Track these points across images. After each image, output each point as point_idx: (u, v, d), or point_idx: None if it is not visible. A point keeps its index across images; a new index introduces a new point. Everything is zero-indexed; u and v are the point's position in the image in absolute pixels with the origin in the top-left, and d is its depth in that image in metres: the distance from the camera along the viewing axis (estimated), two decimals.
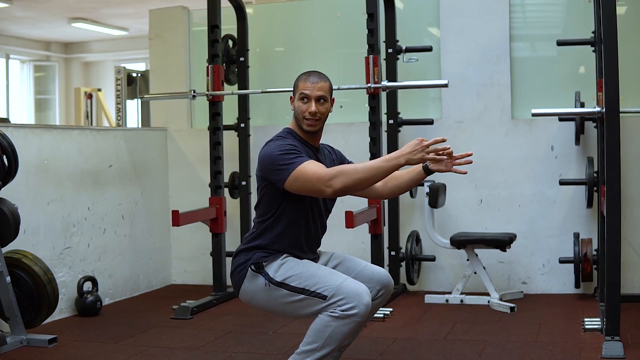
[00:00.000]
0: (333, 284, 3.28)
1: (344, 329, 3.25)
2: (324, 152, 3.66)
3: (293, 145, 3.38)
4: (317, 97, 3.45)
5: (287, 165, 3.29)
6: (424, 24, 6.42)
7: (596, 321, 4.72)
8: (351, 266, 3.62)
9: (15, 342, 4.48)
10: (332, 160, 3.68)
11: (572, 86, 5.79)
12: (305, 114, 3.45)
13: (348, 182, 3.23)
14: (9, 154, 4.51)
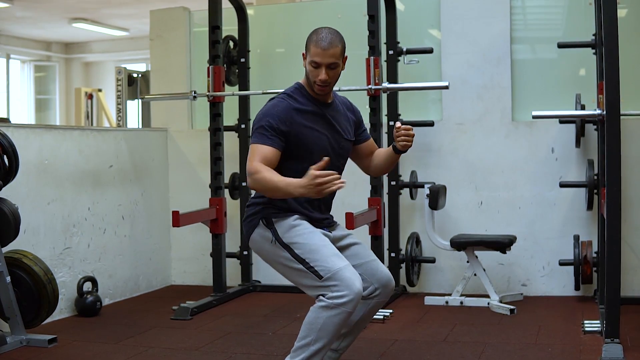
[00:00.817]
0: (332, 267, 3.30)
1: (335, 320, 3.28)
2: (339, 108, 3.66)
3: (276, 121, 3.41)
4: (328, 64, 3.45)
5: (254, 137, 3.43)
6: (424, 25, 6.42)
7: (596, 323, 4.72)
8: (360, 253, 3.61)
9: (15, 342, 4.48)
10: (347, 119, 3.68)
11: (573, 88, 5.80)
12: (316, 79, 3.46)
13: (256, 187, 3.34)
14: (10, 154, 4.51)
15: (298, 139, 3.45)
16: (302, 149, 3.47)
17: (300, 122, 3.46)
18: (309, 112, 3.50)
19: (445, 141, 6.12)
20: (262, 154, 3.35)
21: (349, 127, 3.68)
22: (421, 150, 6.15)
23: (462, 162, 6.08)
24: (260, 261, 6.43)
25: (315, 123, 3.50)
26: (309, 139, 3.47)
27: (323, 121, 3.54)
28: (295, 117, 3.46)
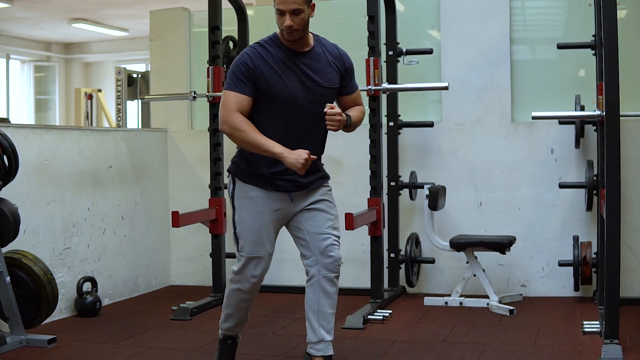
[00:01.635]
0: (246, 251, 3.71)
1: (234, 295, 3.79)
2: (319, 56, 3.74)
3: (246, 68, 3.57)
4: (291, 10, 3.55)
5: (227, 82, 3.62)
6: (424, 26, 6.42)
7: (595, 324, 4.72)
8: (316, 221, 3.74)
9: (14, 342, 4.48)
10: (331, 66, 3.75)
11: (572, 89, 5.80)
12: (282, 27, 3.58)
13: (233, 136, 3.61)
14: (10, 154, 4.51)
15: (265, 85, 3.58)
16: (268, 94, 3.60)
17: (267, 70, 3.58)
18: (278, 60, 3.61)
19: (444, 142, 6.12)
20: (238, 103, 3.55)
21: (332, 75, 3.75)
22: (421, 151, 6.16)
23: (461, 163, 6.08)
24: None
25: (283, 71, 3.61)
26: (275, 86, 3.59)
27: (293, 69, 3.63)
28: (262, 64, 3.58)
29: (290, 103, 3.61)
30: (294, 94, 3.62)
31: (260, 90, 3.59)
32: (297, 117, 3.64)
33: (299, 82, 3.63)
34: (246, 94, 3.56)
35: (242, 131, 3.54)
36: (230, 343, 3.99)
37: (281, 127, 3.63)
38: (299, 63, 3.65)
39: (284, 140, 3.58)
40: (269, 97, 3.60)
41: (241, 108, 3.55)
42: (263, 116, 3.63)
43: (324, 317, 3.68)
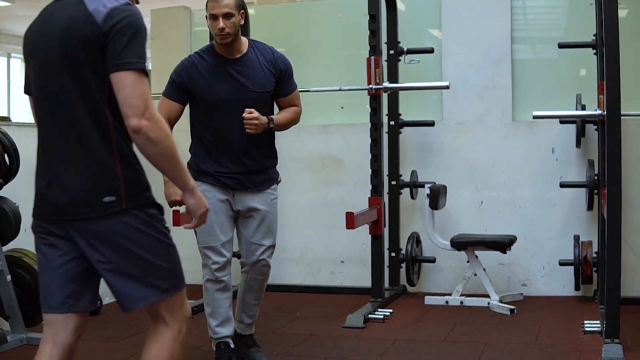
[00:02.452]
0: (201, 237, 4.04)
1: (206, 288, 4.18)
2: (251, 62, 3.93)
3: (179, 77, 3.93)
4: (224, 14, 3.80)
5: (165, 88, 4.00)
6: (425, 25, 6.42)
7: (596, 324, 4.72)
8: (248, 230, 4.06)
9: (15, 340, 4.48)
10: (263, 71, 3.94)
11: (573, 89, 5.80)
12: (215, 30, 3.82)
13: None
14: (10, 153, 4.52)
15: (197, 92, 3.89)
16: (201, 101, 3.90)
17: (199, 78, 3.89)
18: (210, 67, 3.89)
19: (445, 141, 6.12)
20: (167, 109, 3.88)
21: (265, 79, 3.94)
22: (421, 150, 6.15)
23: (462, 162, 6.08)
24: None
25: (214, 78, 3.88)
26: (204, 92, 3.87)
27: (224, 76, 3.88)
28: (194, 73, 3.89)
29: (222, 109, 3.87)
30: (226, 99, 3.86)
31: (195, 97, 3.91)
32: (232, 122, 3.86)
33: (229, 88, 3.88)
34: (176, 100, 3.91)
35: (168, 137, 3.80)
36: (224, 348, 4.09)
37: (220, 134, 3.91)
38: (230, 69, 3.89)
39: (225, 146, 3.90)
40: (203, 104, 3.90)
41: (169, 114, 3.86)
42: (202, 122, 3.94)
43: (247, 306, 4.22)
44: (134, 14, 2.35)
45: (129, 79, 2.29)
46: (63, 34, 2.36)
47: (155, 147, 2.31)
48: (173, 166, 2.39)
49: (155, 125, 2.30)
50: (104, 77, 2.34)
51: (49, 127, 2.44)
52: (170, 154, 2.35)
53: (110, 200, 2.36)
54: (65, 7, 2.39)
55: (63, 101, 2.38)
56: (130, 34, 2.31)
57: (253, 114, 3.80)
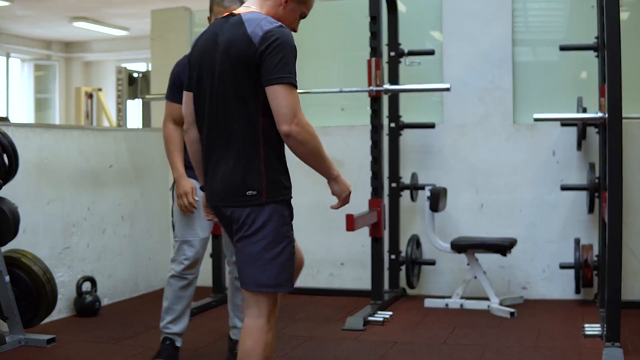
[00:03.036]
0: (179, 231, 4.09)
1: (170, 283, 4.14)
2: None
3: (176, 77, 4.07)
4: None
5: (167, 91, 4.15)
6: (426, 27, 6.41)
7: (596, 327, 4.71)
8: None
9: (13, 341, 4.47)
10: None
11: (574, 91, 5.79)
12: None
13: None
14: (10, 153, 4.50)
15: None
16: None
17: None
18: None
19: (446, 143, 6.11)
20: (172, 113, 4.03)
21: None
22: (422, 152, 6.14)
23: (463, 165, 6.07)
24: None
25: None
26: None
27: None
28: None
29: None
30: None
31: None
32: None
33: None
34: (178, 102, 3.85)
35: (166, 143, 4.12)
36: (169, 344, 4.08)
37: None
38: None
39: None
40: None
41: (175, 115, 3.99)
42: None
43: (237, 308, 4.23)
44: (285, 35, 2.77)
45: (281, 91, 2.72)
46: (226, 51, 2.82)
47: (304, 147, 2.79)
48: (319, 162, 2.88)
49: (303, 129, 2.76)
50: (258, 89, 2.76)
51: (211, 128, 2.90)
52: (317, 153, 2.84)
53: (251, 194, 2.80)
54: (229, 27, 2.85)
55: (224, 108, 2.84)
56: (282, 53, 2.74)
57: None
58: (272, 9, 2.95)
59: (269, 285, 2.84)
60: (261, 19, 2.82)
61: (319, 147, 2.84)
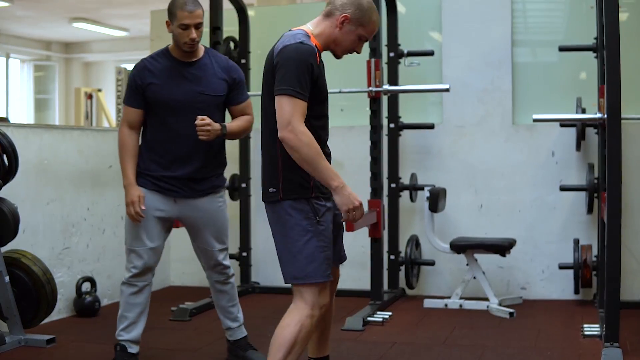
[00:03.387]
0: (127, 239, 4.02)
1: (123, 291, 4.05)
2: (207, 66, 3.99)
3: (134, 82, 3.94)
4: (196, 24, 3.85)
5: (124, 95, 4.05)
6: (425, 28, 6.41)
7: (595, 327, 4.72)
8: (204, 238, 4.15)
9: (13, 342, 4.47)
10: (217, 77, 3.99)
11: (573, 92, 5.80)
12: (186, 39, 3.86)
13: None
14: (9, 153, 4.50)
15: (151, 95, 3.92)
16: (155, 104, 3.93)
17: (153, 80, 3.92)
18: (165, 70, 3.93)
19: (445, 144, 6.11)
20: (127, 115, 3.98)
21: (218, 85, 3.99)
22: (421, 152, 6.15)
23: (462, 165, 6.08)
24: (259, 263, 6.44)
25: (167, 81, 3.92)
26: (156, 93, 3.91)
27: (178, 79, 3.93)
28: (149, 76, 3.93)
29: (176, 109, 3.91)
30: (177, 100, 3.90)
31: (149, 100, 3.93)
32: (184, 122, 3.88)
33: (181, 90, 3.92)
34: (134, 106, 3.95)
35: (120, 148, 3.98)
36: (120, 350, 4.05)
37: (169, 135, 3.94)
38: (185, 73, 3.94)
39: (174, 148, 3.94)
40: (156, 107, 3.93)
41: (130, 120, 3.96)
42: (153, 126, 3.97)
43: (224, 310, 4.23)
44: (295, 51, 3.04)
45: (281, 101, 3.03)
46: (266, 61, 3.24)
47: (297, 153, 3.00)
48: (314, 169, 3.02)
49: (295, 137, 2.98)
50: None
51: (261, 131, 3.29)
52: (309, 161, 2.99)
53: (272, 191, 3.13)
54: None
55: (264, 113, 3.26)
56: (287, 67, 3.03)
57: (205, 120, 3.82)
58: (328, 29, 3.19)
59: (298, 278, 3.14)
60: (294, 34, 3.11)
61: (312, 156, 2.99)
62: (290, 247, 3.13)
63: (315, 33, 3.19)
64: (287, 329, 3.10)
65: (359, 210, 3.08)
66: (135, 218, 3.89)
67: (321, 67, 3.19)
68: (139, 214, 3.87)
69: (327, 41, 3.22)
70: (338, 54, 3.32)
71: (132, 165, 3.94)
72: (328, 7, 3.21)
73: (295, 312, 3.14)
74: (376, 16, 3.29)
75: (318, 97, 3.14)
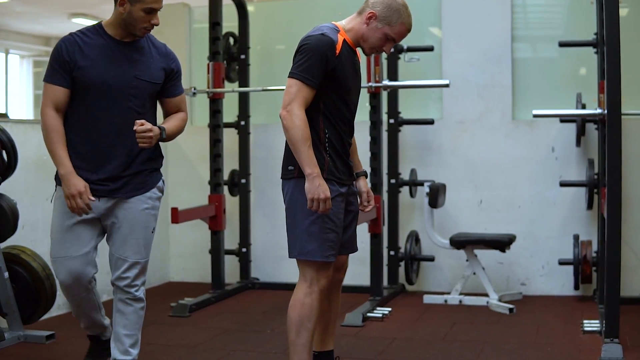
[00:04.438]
0: (52, 248, 3.56)
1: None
2: (145, 50, 3.56)
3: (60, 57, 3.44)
4: (159, 9, 3.56)
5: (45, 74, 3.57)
6: (425, 23, 6.40)
7: (595, 323, 4.71)
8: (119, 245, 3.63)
9: (13, 338, 4.47)
10: (155, 62, 3.56)
11: (573, 88, 5.79)
12: (146, 24, 3.47)
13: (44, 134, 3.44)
14: (9, 149, 4.50)
15: (80, 73, 3.41)
16: (83, 84, 3.42)
17: (82, 58, 3.41)
18: (95, 46, 3.44)
19: (445, 139, 6.11)
20: (54, 96, 3.43)
21: (155, 71, 3.55)
22: (421, 148, 6.14)
23: (462, 161, 6.07)
24: (259, 258, 6.44)
25: (98, 58, 3.42)
26: (89, 74, 3.40)
27: (110, 58, 3.44)
28: (77, 52, 3.42)
29: (105, 93, 3.41)
30: (110, 83, 3.41)
31: (76, 79, 3.42)
32: (113, 109, 3.43)
33: (115, 71, 3.43)
34: (62, 85, 3.43)
35: (48, 133, 3.40)
36: (93, 342, 3.92)
37: (95, 120, 3.43)
38: (119, 52, 3.46)
39: (99, 135, 3.43)
40: (84, 87, 3.42)
41: (56, 101, 3.42)
42: (78, 110, 3.44)
43: (117, 337, 3.58)
44: (313, 41, 3.26)
45: (288, 83, 3.24)
46: None
47: (287, 132, 3.20)
48: (295, 151, 3.20)
49: (290, 118, 3.18)
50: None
51: None
52: (294, 142, 3.18)
53: (290, 168, 3.30)
54: None
55: None
56: (302, 54, 3.25)
57: (146, 126, 3.34)
58: (358, 25, 3.42)
59: (300, 254, 3.31)
60: (320, 27, 3.35)
61: (297, 139, 3.17)
62: (297, 224, 3.30)
63: (347, 28, 3.42)
64: (290, 310, 3.33)
65: (324, 203, 3.18)
66: (84, 210, 3.37)
67: (343, 59, 3.32)
68: (89, 206, 3.37)
69: (356, 36, 3.42)
70: (366, 50, 3.48)
71: (66, 152, 3.39)
72: (363, 5, 3.43)
73: (296, 291, 3.35)
74: (407, 19, 3.45)
75: (336, 88, 3.30)
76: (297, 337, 3.34)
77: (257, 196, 6.42)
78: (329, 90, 3.29)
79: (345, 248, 3.53)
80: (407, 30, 3.47)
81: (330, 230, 3.30)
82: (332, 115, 3.32)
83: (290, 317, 3.35)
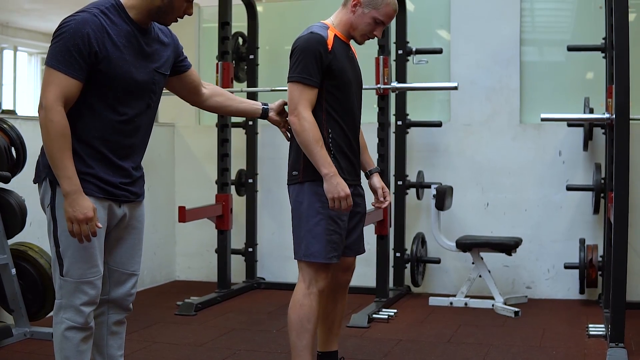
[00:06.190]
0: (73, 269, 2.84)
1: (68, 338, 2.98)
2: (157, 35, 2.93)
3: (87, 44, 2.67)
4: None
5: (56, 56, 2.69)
6: (434, 26, 6.41)
7: (600, 328, 4.71)
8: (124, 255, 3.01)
9: (19, 334, 4.48)
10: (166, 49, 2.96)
11: (581, 92, 5.79)
12: (180, 14, 2.86)
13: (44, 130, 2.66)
14: (17, 146, 4.51)
15: (107, 67, 2.75)
16: (110, 79, 2.77)
17: (112, 47, 2.74)
18: (123, 35, 2.79)
19: (452, 142, 6.11)
20: (67, 92, 2.67)
21: (168, 60, 3.00)
22: (428, 150, 6.15)
23: (469, 163, 6.07)
24: (265, 258, 6.45)
25: (127, 50, 2.80)
26: (117, 68, 2.77)
27: (137, 49, 2.84)
28: (107, 39, 2.73)
29: (130, 93, 2.85)
30: (137, 81, 2.84)
31: (99, 73, 2.74)
32: (136, 107, 2.90)
33: (141, 65, 2.86)
34: (77, 78, 2.70)
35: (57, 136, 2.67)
36: None
37: (117, 119, 2.85)
38: (143, 43, 2.87)
39: (118, 136, 2.89)
40: (109, 83, 2.78)
41: (68, 96, 2.68)
42: (98, 110, 2.80)
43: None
44: (303, 41, 3.33)
45: (290, 88, 3.29)
46: None
47: (298, 137, 3.25)
48: (309, 154, 3.25)
49: (299, 122, 3.22)
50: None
51: None
52: (306, 145, 3.23)
53: (295, 173, 3.36)
54: None
55: None
56: (295, 56, 3.31)
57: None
58: (345, 16, 3.46)
59: (306, 255, 3.36)
60: (309, 27, 3.41)
61: (309, 141, 3.21)
62: (302, 226, 3.36)
63: (335, 23, 3.48)
64: (290, 312, 3.40)
65: (345, 200, 3.24)
66: (87, 239, 2.74)
67: (337, 53, 3.34)
68: (94, 233, 2.75)
69: (345, 28, 3.46)
70: (357, 39, 3.50)
71: (72, 162, 2.72)
72: None
73: (295, 292, 3.43)
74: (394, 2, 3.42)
75: (336, 83, 3.32)
76: (298, 339, 3.37)
77: (264, 196, 6.43)
78: (330, 86, 3.33)
79: (352, 249, 3.54)
80: (393, 10, 3.46)
81: (334, 231, 3.34)
82: (335, 112, 3.35)
83: (290, 319, 3.39)
